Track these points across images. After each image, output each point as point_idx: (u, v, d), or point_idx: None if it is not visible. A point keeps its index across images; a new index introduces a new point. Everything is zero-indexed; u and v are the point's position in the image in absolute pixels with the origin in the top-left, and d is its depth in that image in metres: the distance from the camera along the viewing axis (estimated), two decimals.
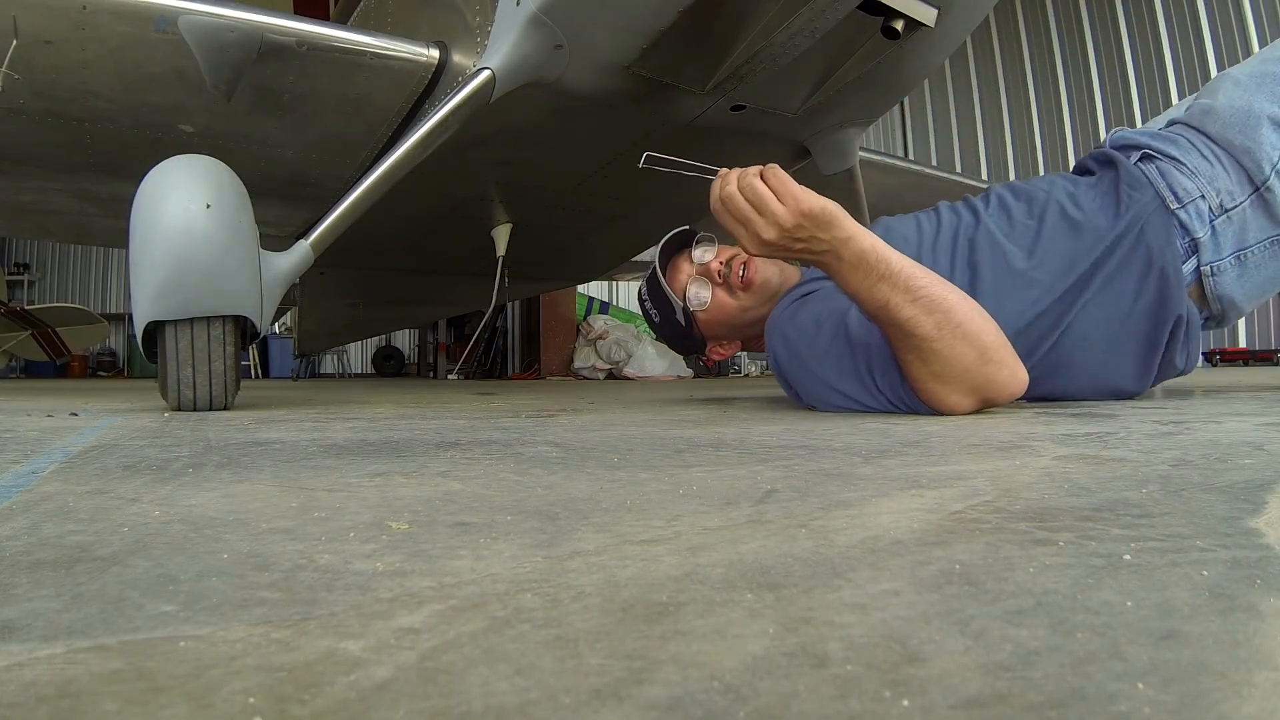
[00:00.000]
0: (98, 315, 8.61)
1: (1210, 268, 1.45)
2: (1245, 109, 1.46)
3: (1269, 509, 0.52)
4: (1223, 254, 1.45)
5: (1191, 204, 1.44)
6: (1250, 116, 1.45)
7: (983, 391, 1.24)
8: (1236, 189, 1.44)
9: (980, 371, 1.22)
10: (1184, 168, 1.47)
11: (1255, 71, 1.51)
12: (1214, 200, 1.44)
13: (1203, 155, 1.48)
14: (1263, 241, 1.44)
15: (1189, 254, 1.46)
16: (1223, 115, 1.48)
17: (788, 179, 1.17)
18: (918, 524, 0.49)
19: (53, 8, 1.82)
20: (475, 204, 2.99)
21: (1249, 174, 1.44)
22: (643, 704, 0.24)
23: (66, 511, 0.56)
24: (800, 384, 1.48)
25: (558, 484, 0.67)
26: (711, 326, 1.70)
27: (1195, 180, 1.45)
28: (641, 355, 6.38)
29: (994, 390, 1.24)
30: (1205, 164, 1.47)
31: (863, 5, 1.70)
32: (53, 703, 0.25)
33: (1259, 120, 1.44)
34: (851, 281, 1.20)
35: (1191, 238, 1.45)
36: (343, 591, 0.37)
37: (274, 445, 1.00)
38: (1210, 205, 1.44)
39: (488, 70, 1.83)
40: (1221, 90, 1.52)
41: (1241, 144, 1.45)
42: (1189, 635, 0.30)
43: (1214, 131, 1.49)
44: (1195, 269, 1.46)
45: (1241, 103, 1.47)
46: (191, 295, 1.60)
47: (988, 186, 1.93)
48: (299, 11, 2.44)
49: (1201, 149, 1.48)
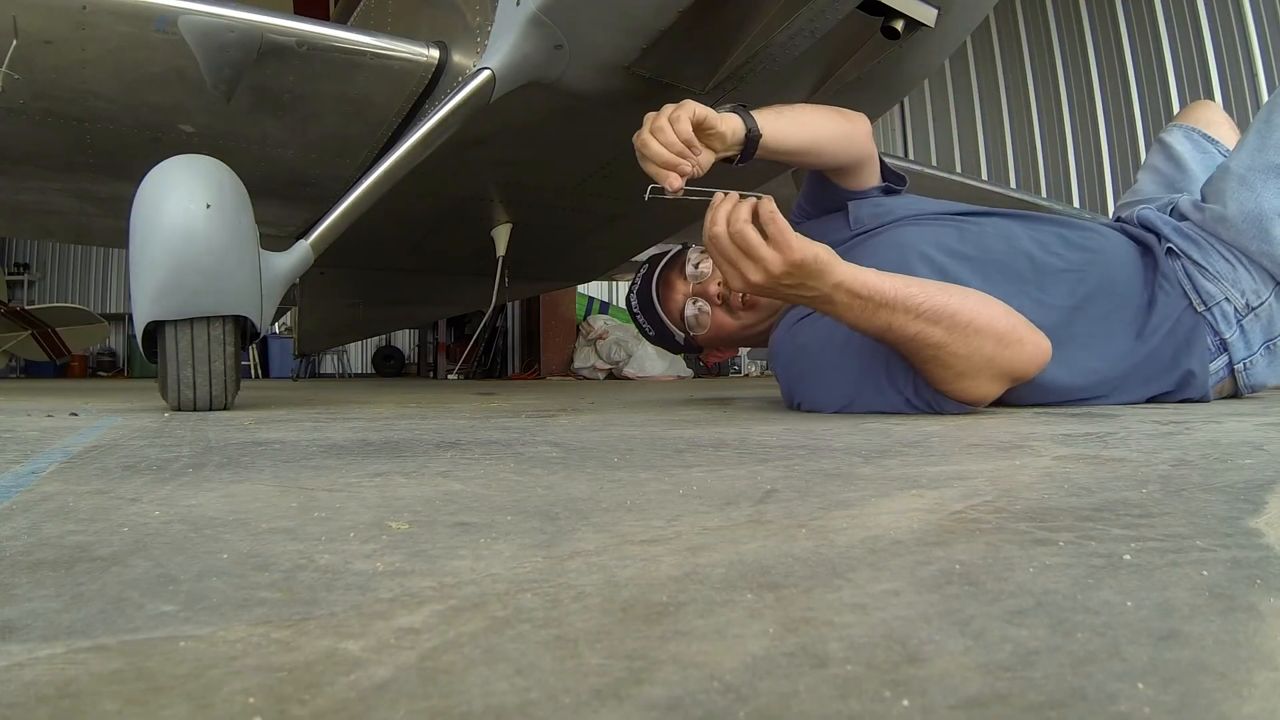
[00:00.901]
0: (98, 315, 8.60)
1: (1244, 364, 1.50)
2: (1256, 213, 1.49)
3: (1269, 509, 0.52)
4: (1253, 349, 1.50)
5: (1216, 306, 1.48)
6: (1262, 219, 1.48)
7: (1011, 374, 1.26)
8: (1261, 287, 1.48)
9: (1003, 357, 1.22)
10: (1206, 272, 1.50)
11: (1257, 164, 1.52)
12: (1239, 301, 1.48)
13: (1224, 258, 1.51)
14: None
15: (1218, 351, 1.50)
16: (1235, 223, 1.51)
17: (781, 222, 1.13)
18: (918, 524, 0.49)
19: (53, 8, 1.82)
20: (475, 204, 2.99)
21: (1270, 273, 1.48)
22: (643, 704, 0.24)
23: (66, 511, 0.56)
24: (814, 404, 1.46)
25: (558, 484, 0.67)
26: (711, 341, 1.70)
27: (1219, 284, 1.49)
28: (641, 355, 6.38)
29: (1020, 368, 1.26)
30: (1228, 267, 1.50)
31: (863, 5, 1.70)
32: (53, 703, 0.25)
33: (1271, 221, 1.47)
34: (848, 318, 1.21)
35: (1220, 337, 1.49)
36: (343, 591, 0.37)
37: (274, 445, 1.00)
38: (1236, 306, 1.48)
39: (488, 70, 1.83)
40: (1230, 194, 1.54)
41: (1259, 249, 1.48)
42: (1189, 635, 0.30)
43: (1230, 239, 1.52)
44: (1227, 365, 1.51)
45: (1252, 206, 1.49)
46: (191, 295, 1.60)
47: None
48: (299, 11, 2.44)
49: (1222, 251, 1.52)
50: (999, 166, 9.06)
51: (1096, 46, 8.06)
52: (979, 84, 9.31)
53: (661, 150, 1.24)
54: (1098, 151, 8.07)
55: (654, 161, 1.25)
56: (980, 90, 9.29)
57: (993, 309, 1.22)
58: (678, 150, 1.25)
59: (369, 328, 6.73)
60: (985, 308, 1.22)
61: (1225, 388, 1.55)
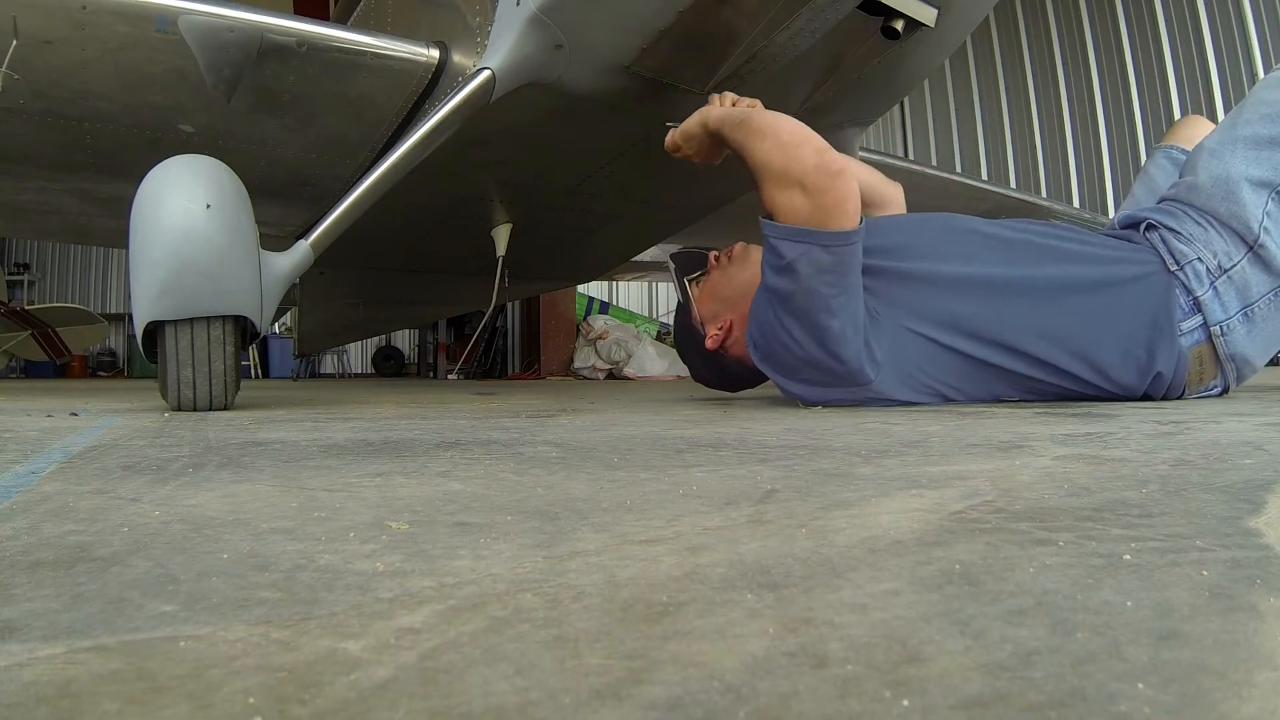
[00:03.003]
0: (98, 315, 8.60)
1: (1220, 327, 1.54)
2: (1224, 177, 1.57)
3: (1269, 509, 0.52)
4: (1230, 313, 1.54)
5: (1189, 265, 1.55)
6: (1229, 183, 1.56)
7: (798, 178, 1.48)
8: (1233, 249, 1.54)
9: (781, 157, 1.49)
10: (1180, 235, 1.58)
11: (1226, 138, 1.62)
12: (1211, 262, 1.54)
13: (1196, 223, 1.59)
14: (1266, 295, 1.54)
15: (1192, 311, 1.54)
16: (1205, 188, 1.60)
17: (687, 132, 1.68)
18: (918, 524, 0.49)
19: (53, 8, 1.82)
20: (475, 204, 2.99)
21: (1240, 235, 1.54)
22: (643, 704, 0.24)
23: (66, 511, 0.56)
24: (771, 353, 1.63)
25: (558, 484, 0.67)
26: (708, 304, 1.83)
27: (1191, 246, 1.56)
28: (641, 355, 6.37)
29: (799, 170, 1.48)
30: (1199, 230, 1.57)
31: (863, 5, 1.70)
32: (53, 703, 0.25)
33: (1238, 184, 1.55)
34: (732, 144, 1.58)
35: (1193, 296, 1.54)
36: (343, 591, 0.37)
37: (274, 445, 1.00)
38: (1209, 266, 1.54)
39: (488, 70, 1.83)
40: (1200, 164, 1.63)
41: (1227, 210, 1.55)
42: (1189, 635, 0.30)
43: (1200, 204, 1.60)
44: (1203, 327, 1.55)
45: (1220, 171, 1.58)
46: (191, 295, 1.60)
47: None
48: (299, 11, 2.44)
49: (1195, 217, 1.59)
50: (999, 166, 9.07)
51: (1096, 46, 8.06)
52: (979, 84, 9.31)
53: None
54: (1098, 151, 8.07)
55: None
56: (980, 90, 9.30)
57: (784, 120, 1.53)
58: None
59: (369, 328, 6.73)
60: (779, 119, 1.53)
61: (1206, 357, 1.57)
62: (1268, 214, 1.52)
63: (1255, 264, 1.52)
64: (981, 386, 1.60)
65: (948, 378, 1.58)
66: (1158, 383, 1.56)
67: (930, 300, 1.56)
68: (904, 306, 1.56)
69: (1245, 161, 1.56)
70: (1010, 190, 5.82)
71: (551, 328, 6.70)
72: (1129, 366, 1.55)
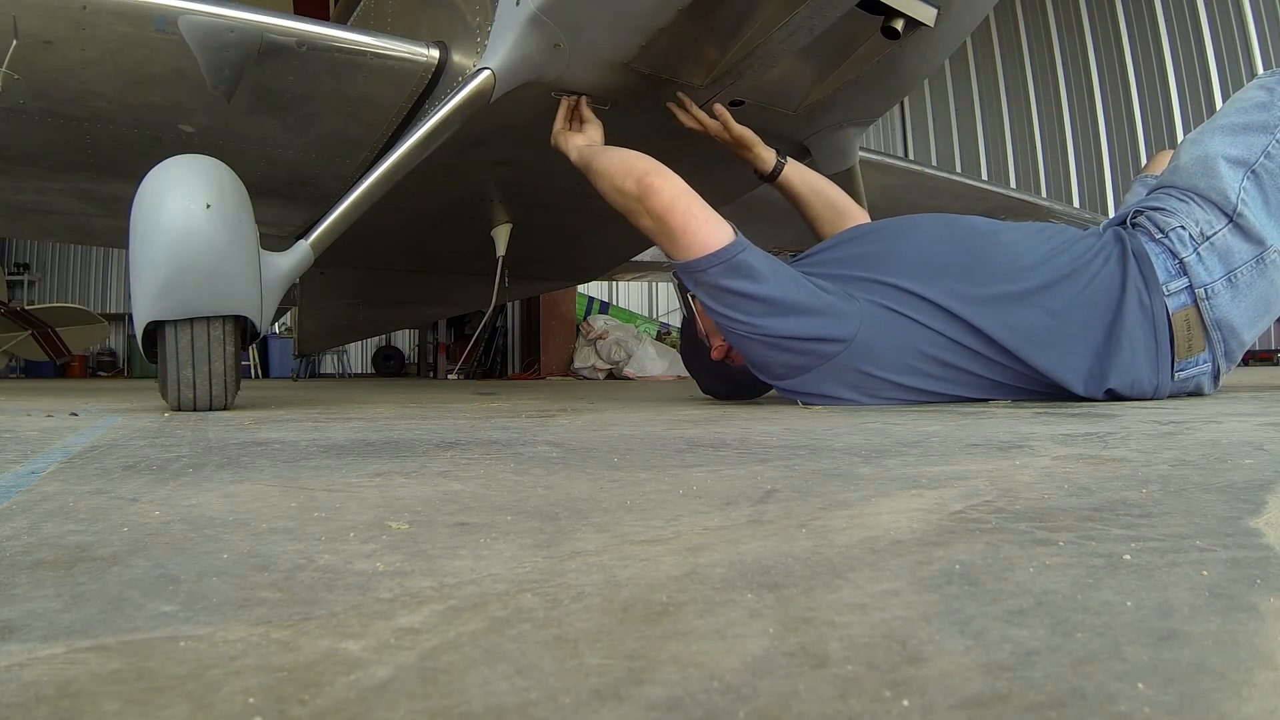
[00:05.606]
0: (98, 315, 8.60)
1: (1205, 290, 1.61)
2: (1203, 155, 1.70)
3: (1269, 509, 0.52)
4: (1214, 276, 1.62)
5: (1172, 231, 1.64)
6: (1208, 160, 1.68)
7: (643, 208, 1.68)
8: (1214, 219, 1.64)
9: (620, 188, 1.71)
10: (1164, 210, 1.70)
11: (1206, 129, 1.77)
12: (1194, 229, 1.63)
13: (1178, 199, 1.70)
14: (1248, 262, 1.62)
15: (1178, 273, 1.62)
16: (1185, 168, 1.72)
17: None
18: (918, 524, 0.49)
19: (53, 8, 1.82)
20: (475, 204, 2.99)
21: (1219, 206, 1.64)
22: (643, 704, 0.24)
23: (66, 511, 0.56)
24: (759, 361, 1.72)
25: (558, 484, 0.67)
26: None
27: (1174, 217, 1.66)
28: (641, 355, 6.37)
29: (635, 199, 1.69)
30: (1181, 204, 1.69)
31: (862, 4, 1.70)
32: (53, 703, 0.25)
33: (1215, 160, 1.67)
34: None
35: (1178, 258, 1.62)
36: (343, 591, 0.37)
37: (274, 445, 1.00)
38: (1191, 233, 1.63)
39: (488, 70, 1.83)
40: (1182, 151, 1.77)
41: (1206, 184, 1.66)
42: (1189, 635, 0.30)
43: (1182, 182, 1.72)
44: (1188, 289, 1.62)
45: (1199, 151, 1.71)
46: (191, 295, 1.60)
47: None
48: (299, 11, 2.44)
49: (1177, 195, 1.71)
50: (999, 166, 9.07)
51: (1096, 46, 8.06)
52: (979, 84, 9.31)
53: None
54: (1098, 151, 8.07)
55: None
56: (980, 90, 9.30)
57: (614, 158, 1.75)
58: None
59: (369, 328, 6.72)
60: (609, 157, 1.75)
61: (1194, 323, 1.62)
62: (1244, 188, 1.62)
63: (1236, 233, 1.61)
64: (962, 364, 1.64)
65: (929, 350, 1.62)
66: (1122, 393, 1.61)
67: (898, 281, 1.65)
68: (876, 291, 1.65)
69: (1223, 143, 1.68)
70: (1010, 190, 5.82)
71: (551, 328, 6.70)
72: (1078, 381, 1.61)
